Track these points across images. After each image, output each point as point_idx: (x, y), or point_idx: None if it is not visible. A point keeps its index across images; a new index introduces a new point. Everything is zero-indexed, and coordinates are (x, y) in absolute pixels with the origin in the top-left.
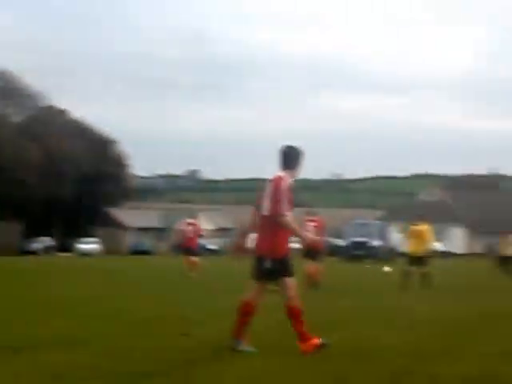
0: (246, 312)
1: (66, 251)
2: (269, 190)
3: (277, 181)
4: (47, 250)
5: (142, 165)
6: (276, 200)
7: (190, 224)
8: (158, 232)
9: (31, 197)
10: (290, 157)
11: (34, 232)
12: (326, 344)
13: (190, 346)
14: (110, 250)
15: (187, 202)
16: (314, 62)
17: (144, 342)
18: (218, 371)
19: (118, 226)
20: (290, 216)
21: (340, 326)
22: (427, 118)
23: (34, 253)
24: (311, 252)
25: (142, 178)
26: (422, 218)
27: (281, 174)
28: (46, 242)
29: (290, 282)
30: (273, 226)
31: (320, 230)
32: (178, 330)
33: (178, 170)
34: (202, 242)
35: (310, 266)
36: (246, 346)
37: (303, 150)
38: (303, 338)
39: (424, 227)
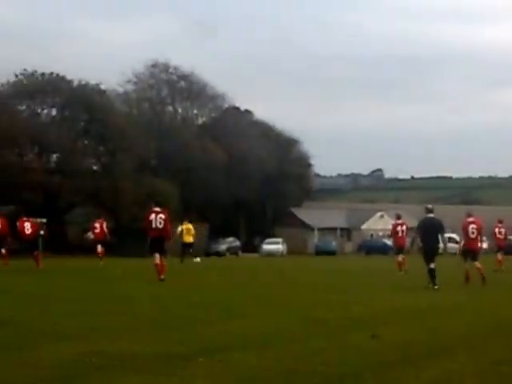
0: None
1: (250, 252)
2: None
3: None
4: (232, 250)
5: (324, 165)
6: None
7: (399, 225)
8: (343, 232)
9: (216, 198)
10: None
11: (219, 233)
12: None
13: (379, 347)
14: (294, 250)
15: (370, 201)
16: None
17: (334, 342)
18: (408, 374)
19: (303, 225)
20: None
21: None
22: None
23: (218, 254)
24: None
25: (324, 177)
26: None
27: None
28: (230, 242)
29: None
30: None
31: (479, 230)
32: (368, 332)
33: (360, 169)
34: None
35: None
36: None
37: None
38: None
39: None
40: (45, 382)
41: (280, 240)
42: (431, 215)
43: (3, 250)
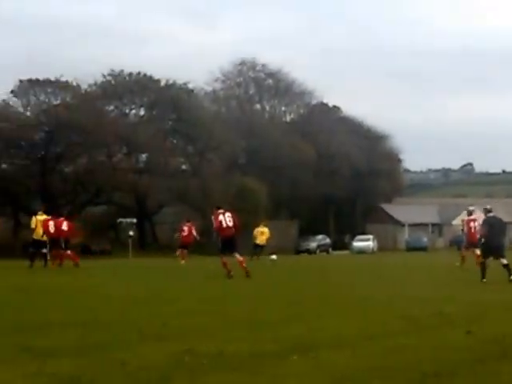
0: None
1: (341, 249)
2: None
3: None
4: (322, 248)
5: (414, 159)
6: None
7: (471, 220)
8: (434, 228)
9: (305, 195)
10: None
11: (309, 231)
12: None
13: (475, 343)
14: (384, 246)
15: (461, 196)
16: None
17: (428, 339)
18: (506, 370)
19: (393, 222)
20: None
21: None
22: None
23: (309, 251)
24: None
25: (414, 172)
26: None
27: None
28: (320, 240)
29: None
30: None
31: None
32: (462, 328)
33: (451, 163)
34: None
35: None
36: None
37: None
38: None
39: None
40: (147, 382)
41: (370, 237)
42: (492, 214)
43: (68, 251)
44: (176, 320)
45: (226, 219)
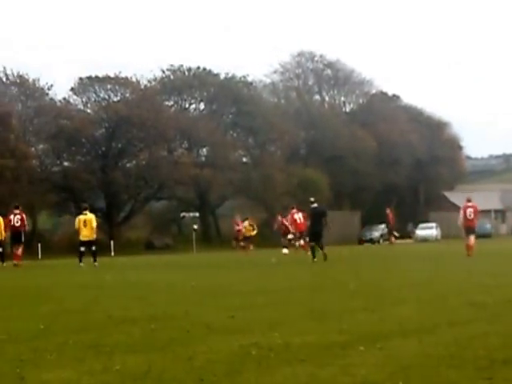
0: None
1: (403, 238)
2: None
3: None
4: (385, 237)
5: (475, 146)
6: None
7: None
8: (497, 214)
9: (367, 185)
10: None
11: (371, 220)
12: None
13: None
14: (448, 234)
15: None
16: None
17: (496, 326)
18: None
19: (456, 209)
20: None
21: None
22: None
23: (372, 241)
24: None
25: (475, 159)
26: None
27: None
28: (383, 229)
29: None
30: None
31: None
32: None
33: None
34: None
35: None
36: None
37: None
38: None
39: None
40: (214, 377)
41: (434, 225)
42: (315, 205)
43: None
44: (242, 313)
45: (15, 219)
